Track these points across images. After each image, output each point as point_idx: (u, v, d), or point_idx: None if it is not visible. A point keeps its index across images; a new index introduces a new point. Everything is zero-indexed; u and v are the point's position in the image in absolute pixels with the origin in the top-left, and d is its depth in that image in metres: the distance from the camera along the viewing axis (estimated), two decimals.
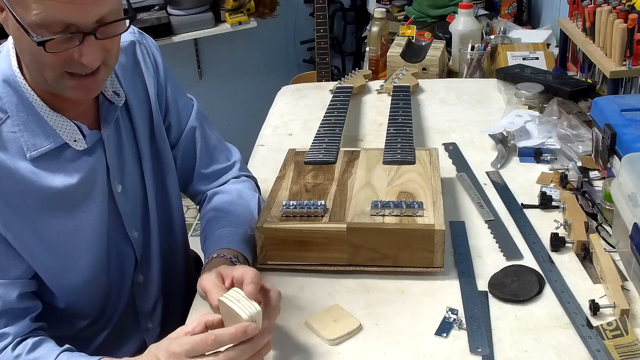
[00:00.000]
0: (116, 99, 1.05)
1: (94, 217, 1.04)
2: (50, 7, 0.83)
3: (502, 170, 1.38)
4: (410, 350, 0.93)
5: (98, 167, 1.03)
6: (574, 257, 1.09)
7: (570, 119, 1.46)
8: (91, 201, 1.03)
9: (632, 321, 0.94)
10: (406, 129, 1.38)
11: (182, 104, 1.20)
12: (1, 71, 0.96)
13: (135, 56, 1.12)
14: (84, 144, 1.00)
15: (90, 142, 1.01)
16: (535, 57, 1.95)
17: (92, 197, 1.03)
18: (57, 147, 0.98)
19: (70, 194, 1.00)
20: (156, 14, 2.85)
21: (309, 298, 1.04)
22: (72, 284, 1.05)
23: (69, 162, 1.00)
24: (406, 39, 2.11)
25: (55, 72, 0.90)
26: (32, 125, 0.96)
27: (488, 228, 1.19)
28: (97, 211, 1.04)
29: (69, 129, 0.99)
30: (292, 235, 1.07)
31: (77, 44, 0.87)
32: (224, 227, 1.10)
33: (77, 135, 1.00)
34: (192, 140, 1.21)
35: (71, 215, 1.01)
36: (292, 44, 3.51)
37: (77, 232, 1.02)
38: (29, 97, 0.96)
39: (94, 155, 1.02)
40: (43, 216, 0.98)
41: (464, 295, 1.02)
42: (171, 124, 1.18)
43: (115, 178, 1.06)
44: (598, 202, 1.20)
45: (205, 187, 1.23)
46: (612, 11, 1.48)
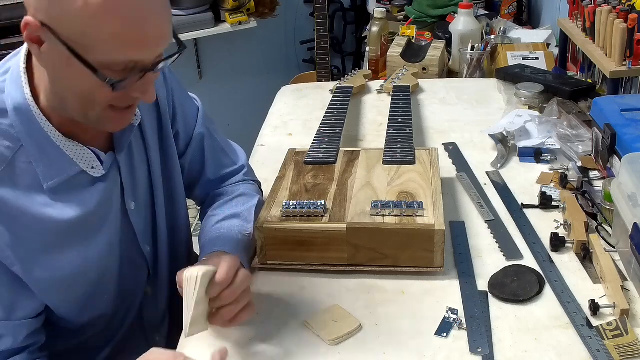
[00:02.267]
0: (134, 120, 1.01)
1: (108, 236, 1.02)
2: (123, 48, 0.81)
3: (502, 170, 1.38)
4: (410, 350, 0.93)
5: (114, 189, 1.02)
6: (574, 257, 1.09)
7: (570, 119, 1.46)
8: (107, 222, 1.01)
9: (632, 321, 0.94)
10: (406, 129, 1.38)
11: (188, 110, 1.18)
12: (12, 98, 0.91)
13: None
14: (101, 170, 0.98)
15: (107, 167, 0.99)
16: (535, 57, 1.95)
17: (108, 218, 1.01)
18: (73, 175, 0.95)
19: (87, 221, 0.97)
20: None
21: (309, 298, 1.04)
22: (81, 296, 1.02)
23: (86, 189, 0.97)
24: (406, 39, 2.11)
25: (101, 107, 0.89)
26: (47, 154, 0.92)
27: (488, 228, 1.19)
28: (113, 231, 1.03)
29: (86, 156, 0.96)
30: (292, 235, 1.07)
31: (138, 79, 0.86)
32: (218, 230, 1.09)
33: (95, 162, 0.97)
34: (200, 148, 1.19)
35: (91, 241, 0.99)
36: (292, 44, 3.51)
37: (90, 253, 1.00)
38: (43, 126, 0.92)
39: (109, 178, 1.00)
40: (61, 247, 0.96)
41: (464, 295, 1.02)
42: (179, 132, 1.16)
43: (129, 196, 1.05)
44: (598, 202, 1.20)
45: (209, 190, 1.22)
46: (612, 11, 1.48)
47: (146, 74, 0.86)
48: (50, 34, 0.81)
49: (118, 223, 1.04)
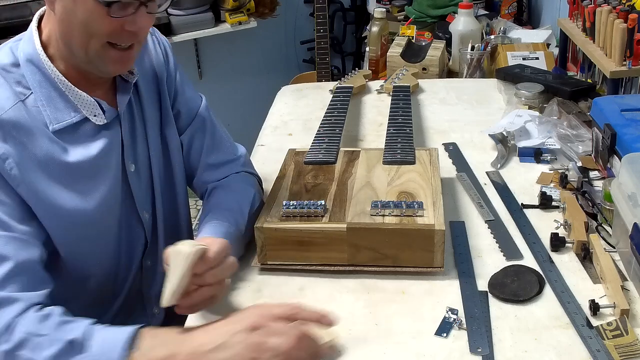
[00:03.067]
0: (130, 77, 1.10)
1: (108, 193, 1.07)
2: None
3: (502, 170, 1.38)
4: (410, 350, 0.93)
5: (114, 144, 1.08)
6: (574, 257, 1.09)
7: (570, 119, 1.46)
8: (107, 177, 1.07)
9: (632, 321, 0.94)
10: (406, 129, 1.38)
11: (190, 95, 1.23)
12: (25, 53, 1.00)
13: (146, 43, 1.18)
14: (103, 118, 1.05)
15: (109, 117, 1.06)
16: (535, 57, 1.95)
17: (107, 173, 1.07)
18: (78, 121, 1.02)
19: (88, 167, 1.03)
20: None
21: (309, 298, 1.04)
22: (84, 254, 1.06)
23: (89, 136, 1.04)
24: (406, 39, 2.11)
25: (100, 42, 0.97)
26: (54, 100, 1.01)
27: (488, 228, 1.19)
28: (112, 188, 1.07)
29: (90, 104, 1.03)
30: (292, 235, 1.07)
31: (132, 12, 0.95)
32: (211, 221, 1.10)
33: (97, 110, 1.04)
34: (202, 129, 1.23)
35: (90, 189, 1.04)
36: (292, 44, 3.51)
37: (92, 205, 1.04)
38: (52, 75, 1.00)
39: (111, 131, 1.07)
40: (62, 187, 1.01)
41: (464, 295, 1.02)
42: (180, 112, 1.21)
43: (129, 157, 1.10)
44: (598, 202, 1.20)
45: (209, 177, 1.23)
46: (612, 11, 1.48)
47: (140, 6, 0.95)
48: None
49: (118, 184, 1.09)
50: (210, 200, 1.18)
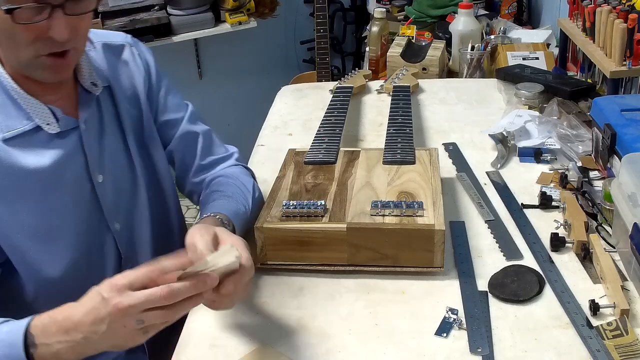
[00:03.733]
0: (93, 89, 1.08)
1: (71, 205, 1.05)
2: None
3: (502, 170, 1.38)
4: (410, 350, 0.93)
5: (74, 154, 1.05)
6: (574, 257, 1.09)
7: (570, 119, 1.46)
8: (66, 188, 1.04)
9: (632, 321, 0.94)
10: (406, 129, 1.38)
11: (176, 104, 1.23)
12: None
13: (123, 56, 1.17)
14: (56, 127, 1.02)
15: (64, 126, 1.04)
16: (535, 57, 1.95)
17: (66, 183, 1.04)
18: (31, 129, 1.01)
19: (42, 176, 1.01)
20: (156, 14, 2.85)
21: (309, 298, 1.04)
22: (50, 275, 1.04)
23: (42, 145, 1.02)
24: (406, 39, 2.11)
25: (29, 51, 0.93)
26: (6, 107, 1.00)
27: (488, 228, 1.19)
28: (74, 199, 1.05)
29: (42, 112, 1.01)
30: (292, 235, 1.07)
31: (46, 17, 0.90)
32: (219, 199, 1.11)
33: (50, 118, 1.02)
34: (190, 137, 1.23)
35: (46, 199, 1.02)
36: (292, 44, 3.51)
37: (53, 219, 1.03)
38: (4, 81, 0.99)
39: (68, 141, 1.04)
40: (18, 197, 1.00)
41: (464, 295, 1.02)
42: (167, 122, 1.21)
43: (95, 168, 1.08)
44: (598, 202, 1.20)
45: (203, 175, 1.24)
46: (612, 11, 1.48)
47: (54, 9, 0.90)
48: None
49: (84, 194, 1.07)
50: (212, 187, 1.18)
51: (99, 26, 2.76)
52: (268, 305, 1.03)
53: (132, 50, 1.18)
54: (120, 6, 2.85)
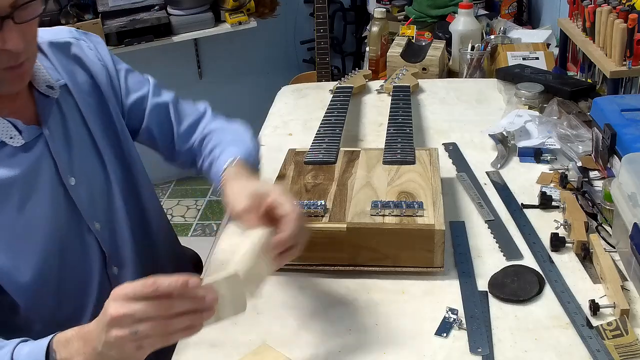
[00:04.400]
0: (51, 92, 1.05)
1: (44, 212, 1.03)
2: None
3: (502, 170, 1.38)
4: (410, 350, 0.93)
5: (42, 162, 1.03)
6: (574, 257, 1.09)
7: (570, 119, 1.46)
8: (39, 196, 1.02)
9: (632, 321, 0.94)
10: (406, 129, 1.38)
11: (137, 82, 1.22)
12: None
13: (73, 51, 1.13)
14: (20, 139, 1.00)
15: (28, 137, 1.01)
16: (535, 57, 1.95)
17: (38, 192, 1.02)
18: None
19: (12, 187, 0.99)
20: (156, 14, 2.86)
21: (309, 298, 1.04)
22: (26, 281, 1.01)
23: (9, 159, 0.99)
24: (406, 39, 2.11)
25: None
26: None
27: (488, 228, 1.19)
28: (48, 206, 1.03)
29: (3, 126, 0.99)
30: None
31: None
32: (225, 149, 1.12)
33: (12, 131, 0.99)
34: (161, 109, 1.22)
35: (22, 209, 1.00)
36: (292, 44, 3.51)
37: (28, 227, 1.01)
38: None
39: (35, 150, 1.02)
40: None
41: (464, 295, 1.02)
42: (135, 103, 1.20)
43: (66, 172, 1.06)
44: (598, 202, 1.20)
45: (189, 143, 1.23)
46: (612, 11, 1.48)
47: (4, 21, 0.88)
48: None
49: (57, 198, 1.04)
50: (208, 146, 1.18)
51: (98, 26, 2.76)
52: (268, 305, 1.03)
53: (81, 43, 1.15)
54: (120, 6, 2.85)
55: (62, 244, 1.06)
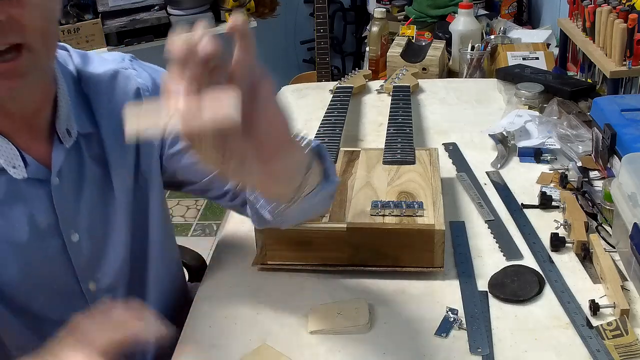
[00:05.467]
0: (66, 139, 0.89)
1: (34, 263, 0.89)
2: None
3: (502, 170, 1.38)
4: (410, 350, 0.93)
5: (41, 208, 0.88)
6: (574, 257, 1.09)
7: (570, 119, 1.46)
8: (29, 242, 0.88)
9: (632, 321, 0.94)
10: (406, 129, 1.38)
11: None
12: None
13: (114, 85, 0.96)
14: (23, 172, 0.85)
15: (33, 173, 0.86)
16: (535, 57, 1.95)
17: (29, 237, 0.88)
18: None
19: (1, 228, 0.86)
20: (156, 14, 2.86)
21: (309, 298, 1.04)
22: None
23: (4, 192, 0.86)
24: (406, 39, 2.11)
25: None
26: None
27: (488, 228, 1.19)
28: (38, 257, 0.89)
29: (9, 152, 0.85)
30: (292, 235, 1.06)
31: None
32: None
33: (17, 160, 0.85)
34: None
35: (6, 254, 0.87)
36: (292, 44, 3.51)
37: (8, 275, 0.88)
38: None
39: (37, 191, 0.88)
40: None
41: (464, 295, 1.02)
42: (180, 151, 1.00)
43: (69, 226, 0.91)
44: (598, 202, 1.20)
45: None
46: (612, 11, 1.49)
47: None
48: None
49: (50, 251, 0.90)
50: None
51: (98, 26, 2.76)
52: (268, 305, 1.03)
53: (129, 73, 0.98)
54: (120, 6, 2.85)
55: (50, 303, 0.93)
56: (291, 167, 0.73)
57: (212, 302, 1.05)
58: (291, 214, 0.86)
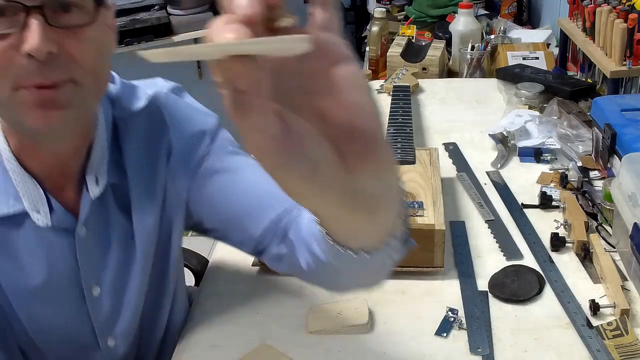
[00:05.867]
0: (92, 189, 0.81)
1: (50, 315, 0.84)
2: None
3: (502, 170, 1.38)
4: (410, 350, 0.93)
5: (63, 259, 0.82)
6: (574, 257, 1.09)
7: (570, 119, 1.46)
8: (44, 293, 0.82)
9: (632, 321, 0.94)
10: (406, 129, 1.38)
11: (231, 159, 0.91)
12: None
13: (151, 134, 0.87)
14: (47, 219, 0.78)
15: (58, 222, 0.80)
16: (535, 57, 1.95)
17: (46, 287, 0.82)
18: (17, 214, 0.78)
19: (17, 274, 0.80)
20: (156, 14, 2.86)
21: (309, 298, 1.04)
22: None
23: (26, 238, 0.79)
24: (406, 39, 2.11)
25: (5, 85, 0.68)
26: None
27: (488, 228, 1.19)
28: (54, 310, 0.84)
29: (35, 195, 0.78)
30: None
31: (18, 29, 0.66)
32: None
33: (42, 206, 0.78)
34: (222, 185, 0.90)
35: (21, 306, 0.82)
36: None
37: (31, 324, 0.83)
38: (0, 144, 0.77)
39: (57, 242, 0.81)
40: None
41: (464, 295, 1.02)
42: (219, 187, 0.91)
43: (91, 278, 0.84)
44: (598, 202, 1.20)
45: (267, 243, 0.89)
46: (612, 11, 1.48)
47: (30, 14, 0.65)
48: None
49: (69, 303, 0.84)
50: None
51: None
52: (268, 305, 1.03)
53: (169, 99, 0.90)
54: (120, 6, 2.85)
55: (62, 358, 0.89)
56: (381, 189, 0.47)
57: (212, 302, 1.05)
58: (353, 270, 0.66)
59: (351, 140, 0.43)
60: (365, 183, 0.45)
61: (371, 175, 0.45)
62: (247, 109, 0.37)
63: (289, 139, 0.39)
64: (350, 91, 0.43)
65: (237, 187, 0.88)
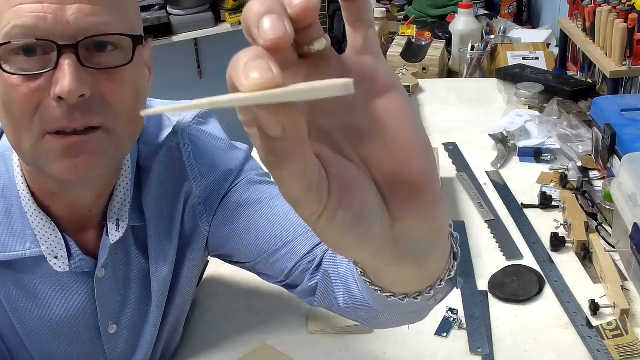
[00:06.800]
0: (112, 232, 0.76)
1: (62, 352, 0.81)
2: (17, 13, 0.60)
3: (502, 170, 1.38)
4: (410, 350, 0.93)
5: (81, 300, 0.79)
6: (574, 257, 1.09)
7: (570, 119, 1.46)
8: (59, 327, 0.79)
9: (632, 321, 0.94)
10: None
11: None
12: (2, 145, 0.74)
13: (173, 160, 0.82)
14: (65, 265, 0.75)
15: (77, 267, 0.76)
16: (535, 57, 1.95)
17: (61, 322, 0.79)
18: (31, 257, 0.74)
19: (32, 309, 0.77)
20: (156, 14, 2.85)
21: None
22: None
23: (41, 281, 0.76)
24: (406, 38, 2.11)
25: (31, 129, 0.63)
26: (12, 217, 0.73)
27: (488, 228, 1.19)
28: (68, 348, 0.81)
29: (53, 239, 0.74)
30: None
31: (51, 68, 0.61)
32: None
33: (61, 251, 0.74)
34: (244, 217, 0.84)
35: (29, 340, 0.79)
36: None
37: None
38: (17, 184, 0.73)
39: (78, 284, 0.78)
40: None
41: (464, 295, 1.02)
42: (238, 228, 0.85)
43: (108, 317, 0.81)
44: (598, 202, 1.20)
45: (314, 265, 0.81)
46: (612, 11, 1.48)
47: (63, 54, 0.61)
48: None
49: (84, 341, 0.82)
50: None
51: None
52: (268, 305, 1.03)
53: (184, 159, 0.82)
54: None
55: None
56: (430, 235, 0.41)
57: (212, 302, 1.05)
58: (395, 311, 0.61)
59: (398, 187, 0.37)
60: (412, 231, 0.39)
61: (419, 222, 0.38)
62: (284, 158, 0.31)
63: (331, 187, 0.34)
64: (396, 129, 0.36)
65: (264, 220, 0.82)
